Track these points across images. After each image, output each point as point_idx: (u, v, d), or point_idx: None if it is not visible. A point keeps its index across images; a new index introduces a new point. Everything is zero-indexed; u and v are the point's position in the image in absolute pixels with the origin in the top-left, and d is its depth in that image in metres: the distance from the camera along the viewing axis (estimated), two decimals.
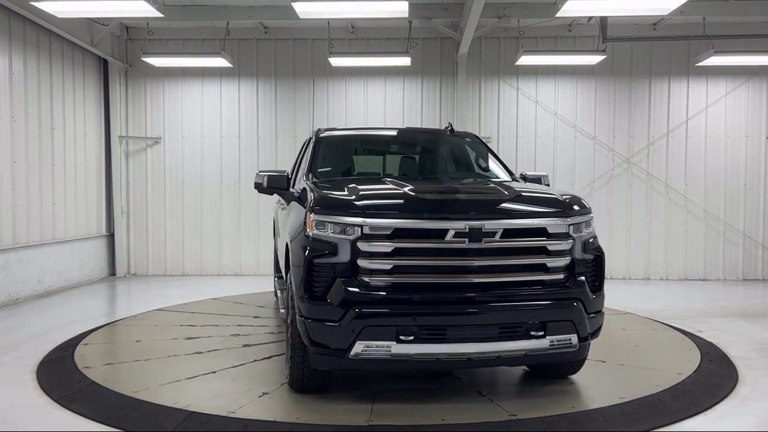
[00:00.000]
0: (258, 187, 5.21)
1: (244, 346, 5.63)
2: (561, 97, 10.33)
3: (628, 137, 10.30)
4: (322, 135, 5.69)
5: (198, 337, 5.95)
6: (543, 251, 3.93)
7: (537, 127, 10.33)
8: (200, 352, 5.40)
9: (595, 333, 4.11)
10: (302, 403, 4.15)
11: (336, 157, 5.59)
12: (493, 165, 5.65)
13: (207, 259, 10.54)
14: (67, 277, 9.15)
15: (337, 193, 4.14)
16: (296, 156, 7.04)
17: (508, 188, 4.36)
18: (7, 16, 7.84)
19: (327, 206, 3.92)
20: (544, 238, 3.92)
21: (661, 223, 10.21)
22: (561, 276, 3.96)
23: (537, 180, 5.32)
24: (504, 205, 4.02)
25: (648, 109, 10.29)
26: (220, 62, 9.66)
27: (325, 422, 3.84)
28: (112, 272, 10.48)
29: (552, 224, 3.94)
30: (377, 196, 4.17)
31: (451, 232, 3.76)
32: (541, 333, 3.81)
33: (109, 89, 10.26)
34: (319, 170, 5.19)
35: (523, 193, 4.27)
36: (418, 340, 3.67)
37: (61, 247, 9.01)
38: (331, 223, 3.82)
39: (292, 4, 7.18)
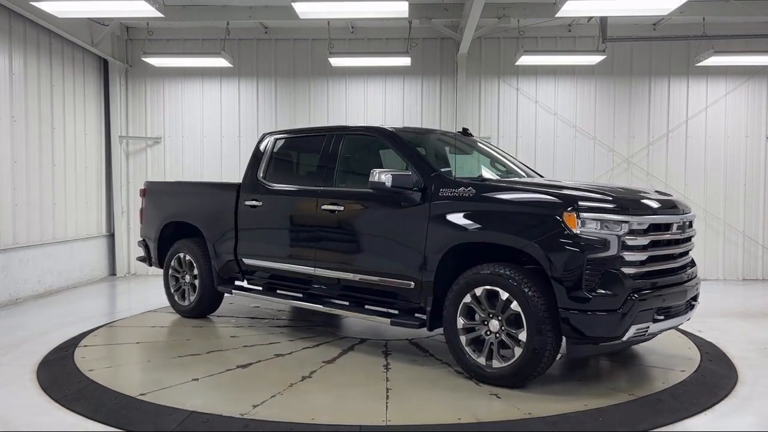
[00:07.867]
0: (376, 186, 4.91)
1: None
2: (561, 97, 10.33)
3: (627, 137, 10.30)
4: (398, 133, 5.40)
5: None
6: (691, 238, 4.90)
7: (537, 127, 10.33)
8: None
9: None
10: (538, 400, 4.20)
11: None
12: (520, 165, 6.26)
13: None
14: (67, 277, 9.15)
15: (596, 194, 4.45)
16: (266, 156, 6.14)
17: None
18: (7, 16, 7.84)
19: (595, 207, 4.26)
20: (692, 228, 4.88)
21: None
22: (691, 258, 4.95)
23: None
24: (683, 203, 4.92)
25: (648, 109, 10.29)
26: (220, 62, 9.66)
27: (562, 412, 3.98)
28: (113, 272, 10.48)
29: (693, 217, 4.91)
30: (631, 197, 4.59)
31: (675, 225, 4.55)
32: (696, 303, 4.81)
33: (109, 89, 10.26)
34: (444, 170, 5.11)
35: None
36: (662, 319, 4.34)
37: (61, 247, 9.01)
38: (600, 221, 4.18)
39: (292, 4, 7.19)
